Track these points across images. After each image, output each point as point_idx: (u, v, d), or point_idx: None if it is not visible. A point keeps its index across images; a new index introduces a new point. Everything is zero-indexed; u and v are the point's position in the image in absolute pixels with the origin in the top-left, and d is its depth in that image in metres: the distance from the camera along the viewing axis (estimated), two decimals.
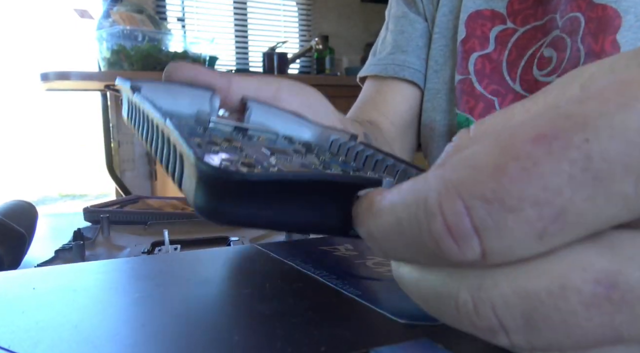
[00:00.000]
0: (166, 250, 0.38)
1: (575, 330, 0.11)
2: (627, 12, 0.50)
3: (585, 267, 0.11)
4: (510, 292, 0.11)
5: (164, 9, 2.77)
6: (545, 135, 0.11)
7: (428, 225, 0.12)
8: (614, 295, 0.11)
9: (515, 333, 0.12)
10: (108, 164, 2.28)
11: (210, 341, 0.16)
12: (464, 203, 0.11)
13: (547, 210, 0.11)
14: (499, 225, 0.11)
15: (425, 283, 0.13)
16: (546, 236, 0.11)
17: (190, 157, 0.18)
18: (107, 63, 2.15)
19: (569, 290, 0.11)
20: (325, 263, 0.25)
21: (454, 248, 0.11)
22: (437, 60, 0.64)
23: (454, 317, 0.13)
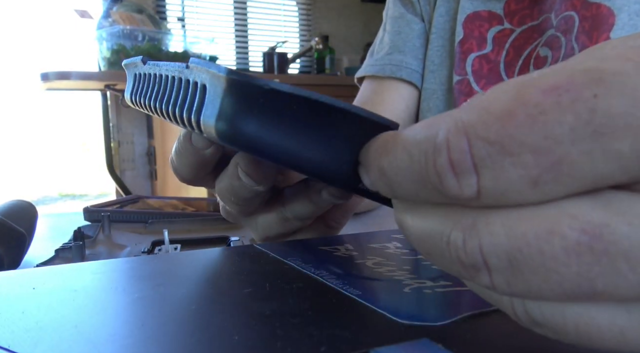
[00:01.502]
0: (166, 250, 0.38)
1: (553, 275, 0.11)
2: (620, 11, 0.50)
3: (575, 215, 0.11)
4: (499, 230, 0.12)
5: (164, 9, 2.77)
6: (558, 86, 0.11)
7: (434, 159, 0.12)
8: (597, 246, 0.11)
9: (496, 273, 0.12)
10: (108, 164, 2.28)
11: (210, 341, 0.16)
12: (469, 141, 0.12)
13: (544, 158, 0.11)
14: (496, 166, 0.11)
15: (424, 224, 0.14)
16: (540, 183, 0.11)
17: (221, 72, 0.18)
18: (107, 63, 2.15)
19: (555, 235, 0.11)
20: (325, 263, 0.25)
21: (454, 183, 0.12)
22: (434, 61, 0.64)
23: (442, 253, 0.13)
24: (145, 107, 0.24)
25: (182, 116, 0.21)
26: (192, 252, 0.29)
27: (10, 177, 4.31)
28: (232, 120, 0.18)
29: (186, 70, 0.21)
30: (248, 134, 0.18)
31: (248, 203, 0.29)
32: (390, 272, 0.24)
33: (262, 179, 0.26)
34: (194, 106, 0.20)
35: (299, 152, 0.19)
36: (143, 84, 0.25)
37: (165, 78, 0.23)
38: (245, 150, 0.19)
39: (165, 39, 2.22)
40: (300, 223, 0.31)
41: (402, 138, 0.14)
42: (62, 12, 3.22)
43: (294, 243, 0.31)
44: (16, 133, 4.62)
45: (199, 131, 0.20)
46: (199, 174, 0.29)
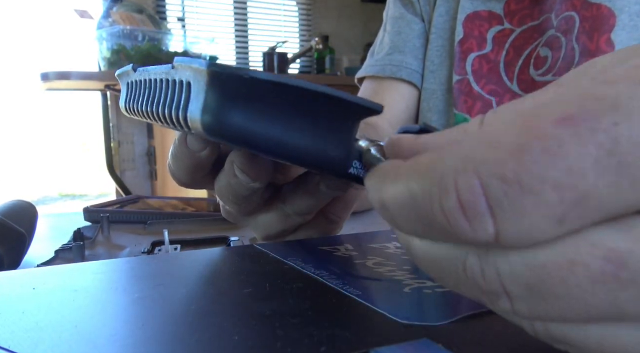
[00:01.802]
0: (166, 250, 0.38)
1: (578, 303, 0.11)
2: (621, 11, 0.50)
3: (597, 244, 0.11)
4: (517, 261, 0.11)
5: (164, 9, 2.77)
6: (572, 116, 0.10)
7: (441, 201, 0.11)
8: (622, 274, 0.10)
9: (518, 300, 0.12)
10: (108, 164, 2.28)
11: (210, 341, 0.16)
12: (481, 181, 0.11)
13: (569, 194, 0.10)
14: (516, 206, 0.10)
15: (434, 249, 0.13)
16: (565, 221, 0.10)
17: (202, 66, 0.18)
18: (107, 63, 2.15)
19: (578, 264, 0.11)
20: (325, 263, 0.25)
21: (466, 227, 0.11)
22: (434, 61, 0.64)
23: (459, 279, 0.12)
24: (139, 113, 0.25)
25: (170, 115, 0.21)
26: (192, 252, 0.29)
27: (10, 177, 4.31)
28: (216, 113, 0.18)
29: (172, 70, 0.21)
30: (233, 125, 0.18)
31: (247, 201, 0.29)
32: (390, 272, 0.24)
33: (258, 175, 0.26)
34: (180, 104, 0.20)
35: (285, 139, 0.19)
36: (135, 91, 0.25)
37: (154, 82, 0.23)
38: (232, 142, 0.19)
39: (165, 39, 2.21)
40: (300, 219, 0.31)
41: (404, 171, 0.13)
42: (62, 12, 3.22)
43: (294, 243, 0.31)
44: (16, 133, 4.62)
45: (187, 129, 0.20)
46: (196, 177, 0.29)
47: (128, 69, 0.26)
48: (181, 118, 0.20)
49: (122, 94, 0.28)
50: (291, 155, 0.19)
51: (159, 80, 0.22)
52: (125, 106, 0.27)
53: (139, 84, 0.25)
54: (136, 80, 0.25)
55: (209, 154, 0.27)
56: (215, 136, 0.19)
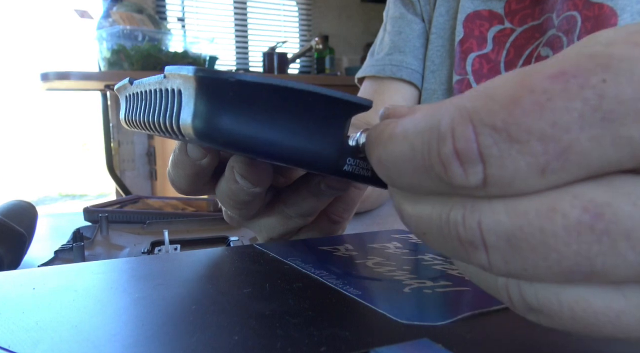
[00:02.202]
0: (166, 250, 0.38)
1: (552, 254, 0.11)
2: (623, 11, 0.50)
3: (578, 195, 0.11)
4: (500, 208, 0.12)
5: (164, 9, 2.77)
6: (565, 72, 0.11)
7: (438, 148, 0.12)
8: (598, 225, 0.11)
9: (494, 251, 0.12)
10: (108, 164, 2.28)
11: (210, 341, 0.16)
12: (474, 129, 0.11)
13: (553, 145, 0.11)
14: (503, 154, 0.11)
15: (424, 207, 0.14)
16: (548, 171, 0.11)
17: (190, 72, 0.18)
18: (107, 63, 2.15)
19: (556, 212, 0.11)
20: (325, 263, 0.25)
21: (460, 172, 0.12)
22: (434, 61, 0.64)
23: (440, 231, 0.13)
24: (137, 124, 0.25)
25: (165, 124, 0.21)
26: (192, 252, 0.29)
27: (10, 177, 4.31)
28: (206, 118, 0.18)
29: (164, 80, 0.21)
30: (224, 129, 0.18)
31: (248, 206, 0.29)
32: (390, 272, 0.24)
33: (258, 181, 0.27)
34: (173, 112, 0.20)
35: (277, 141, 0.19)
36: (132, 103, 0.26)
37: (149, 93, 0.23)
38: (225, 146, 0.19)
39: (165, 39, 2.21)
40: (302, 221, 0.31)
41: (402, 127, 0.13)
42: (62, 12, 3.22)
43: (294, 243, 0.31)
44: (16, 133, 4.62)
45: (182, 137, 0.20)
46: (197, 185, 0.29)
47: (125, 82, 0.26)
48: (174, 126, 0.20)
49: (122, 107, 0.29)
50: (284, 156, 0.20)
51: (153, 90, 0.23)
52: (125, 119, 0.27)
53: (135, 97, 0.25)
54: (133, 93, 0.26)
55: (209, 162, 0.27)
56: (208, 141, 0.19)
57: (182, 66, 0.19)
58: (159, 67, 2.15)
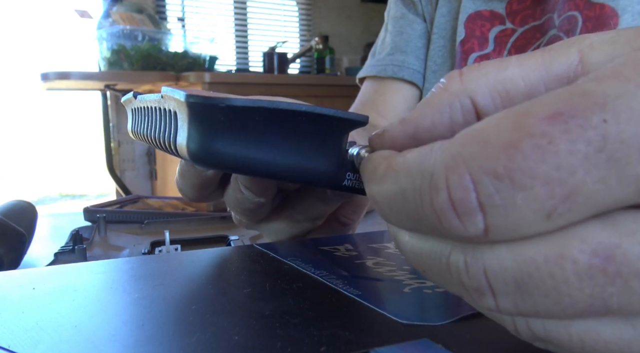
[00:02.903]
0: (167, 251, 0.38)
1: (565, 298, 0.11)
2: (624, 11, 0.50)
3: (585, 238, 0.11)
4: (505, 255, 0.11)
5: (164, 9, 2.77)
6: (562, 113, 0.10)
7: (431, 198, 0.11)
8: (609, 268, 0.11)
9: (503, 296, 0.12)
10: (108, 164, 2.28)
11: (210, 341, 0.16)
12: (472, 178, 0.11)
13: (559, 189, 0.10)
14: (507, 202, 0.11)
15: (420, 242, 0.13)
16: (554, 216, 0.11)
17: (182, 97, 0.18)
18: (107, 63, 2.15)
19: (566, 258, 0.11)
20: (325, 263, 0.25)
21: (457, 223, 0.11)
22: (436, 61, 0.64)
23: (441, 274, 0.13)
24: (142, 137, 0.25)
25: (164, 143, 0.21)
26: (192, 252, 0.29)
27: (10, 177, 4.31)
28: (201, 142, 0.19)
29: (162, 99, 0.21)
30: (219, 153, 0.19)
31: (255, 213, 0.29)
32: (390, 272, 0.24)
33: (262, 191, 0.27)
34: (171, 133, 0.21)
35: (273, 161, 0.19)
36: (137, 117, 0.26)
37: (151, 109, 0.24)
38: (221, 168, 0.19)
39: (165, 39, 2.21)
40: (311, 225, 0.31)
41: (394, 168, 0.13)
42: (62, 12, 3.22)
43: (294, 243, 0.31)
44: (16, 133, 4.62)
45: (180, 156, 0.21)
46: (204, 193, 0.29)
47: (130, 96, 0.27)
48: (173, 146, 0.20)
49: (129, 119, 0.29)
50: (282, 175, 0.20)
51: (154, 108, 0.23)
52: (132, 131, 0.28)
53: (139, 111, 0.26)
54: (137, 107, 0.26)
55: (214, 172, 0.27)
56: (203, 165, 0.19)
57: (176, 90, 0.20)
58: (158, 67, 2.15)
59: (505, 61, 0.14)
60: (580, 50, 0.14)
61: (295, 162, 0.19)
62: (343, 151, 0.20)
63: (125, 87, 2.16)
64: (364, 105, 0.65)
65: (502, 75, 0.14)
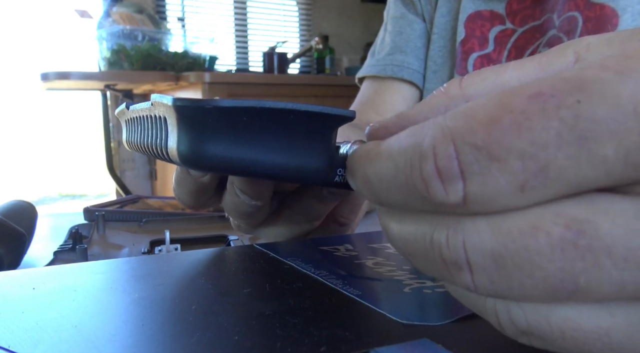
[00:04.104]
0: (167, 250, 0.38)
1: (537, 271, 0.11)
2: (624, 11, 0.50)
3: (559, 213, 0.11)
4: (485, 228, 0.12)
5: (164, 9, 2.77)
6: (542, 93, 0.11)
7: (420, 166, 0.12)
8: (580, 242, 0.11)
9: (479, 271, 0.12)
10: (108, 164, 2.28)
11: (210, 341, 0.16)
12: (456, 148, 0.12)
13: (531, 163, 0.11)
14: (483, 171, 0.11)
15: (408, 227, 0.14)
16: (527, 188, 0.11)
17: (169, 102, 0.19)
18: (107, 63, 2.15)
19: (540, 231, 0.11)
20: (325, 263, 0.25)
21: (440, 190, 0.12)
22: (436, 61, 0.64)
23: (425, 252, 0.13)
24: (136, 147, 0.25)
25: (157, 149, 0.22)
26: (192, 252, 0.29)
27: (10, 177, 4.31)
28: (190, 145, 0.19)
29: (152, 107, 0.22)
30: (209, 154, 0.19)
31: (253, 217, 0.29)
32: (390, 272, 0.24)
33: (258, 195, 0.27)
34: (162, 138, 0.21)
35: (263, 160, 0.19)
36: (131, 127, 0.26)
37: (142, 118, 0.24)
38: (212, 170, 0.19)
39: (165, 39, 2.22)
40: (309, 226, 0.31)
41: (387, 146, 0.14)
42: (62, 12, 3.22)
43: (294, 243, 0.31)
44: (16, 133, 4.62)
45: (173, 162, 0.21)
46: (201, 200, 0.29)
47: (123, 107, 0.27)
48: (164, 152, 0.21)
49: (123, 130, 0.29)
50: (273, 174, 0.20)
51: (145, 116, 0.23)
52: (127, 142, 0.28)
53: (132, 121, 0.26)
54: (130, 117, 0.26)
55: (210, 179, 0.27)
56: (195, 167, 0.19)
57: (164, 95, 0.20)
58: (158, 67, 2.15)
59: (504, 66, 0.15)
60: (577, 51, 0.14)
61: (285, 160, 0.19)
62: (332, 148, 0.20)
63: (125, 87, 2.16)
64: (363, 105, 0.65)
65: (499, 79, 0.15)
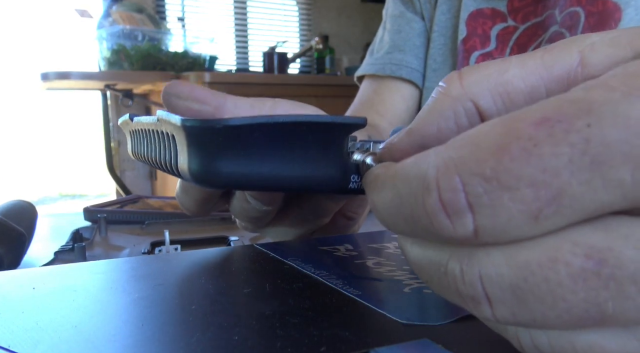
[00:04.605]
0: (166, 251, 0.38)
1: (560, 303, 0.11)
2: (627, 5, 0.50)
3: (577, 242, 0.11)
4: (500, 261, 0.11)
5: (164, 9, 2.77)
6: (549, 118, 0.11)
7: (424, 200, 0.12)
8: (603, 271, 0.11)
9: (499, 304, 0.12)
10: (108, 164, 2.28)
11: (210, 341, 0.16)
12: (461, 179, 0.11)
13: (544, 191, 0.11)
14: (494, 203, 0.11)
15: (422, 252, 0.13)
16: (541, 217, 0.11)
17: (178, 122, 0.18)
18: (107, 63, 2.15)
19: (559, 262, 0.11)
20: (325, 263, 0.25)
21: (447, 224, 0.11)
22: (436, 59, 0.64)
23: (441, 283, 0.13)
24: (144, 158, 0.25)
25: (166, 165, 0.21)
26: (192, 252, 0.29)
27: (10, 177, 4.31)
28: (202, 164, 0.18)
29: (158, 122, 0.21)
30: (221, 172, 0.18)
31: (261, 220, 0.29)
32: (390, 272, 0.24)
33: (270, 200, 0.27)
34: (171, 155, 0.20)
35: (276, 174, 0.19)
36: (136, 138, 0.26)
37: (148, 132, 0.23)
38: (225, 187, 0.19)
39: (165, 38, 2.21)
40: (317, 223, 0.31)
41: (393, 173, 0.13)
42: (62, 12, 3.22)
43: (294, 243, 0.31)
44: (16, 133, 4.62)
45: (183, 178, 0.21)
46: (207, 207, 0.29)
47: (126, 118, 0.27)
48: (175, 169, 0.20)
49: (128, 141, 0.29)
50: (287, 187, 0.20)
51: (151, 130, 0.23)
52: (132, 152, 0.28)
53: (138, 133, 0.26)
54: (135, 129, 0.26)
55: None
56: (207, 185, 0.19)
57: (170, 114, 0.19)
58: (158, 67, 2.15)
59: (506, 62, 0.15)
60: (581, 51, 0.14)
61: (298, 172, 0.19)
62: (345, 155, 0.20)
63: (125, 87, 2.16)
64: (362, 105, 0.65)
65: (502, 78, 0.14)
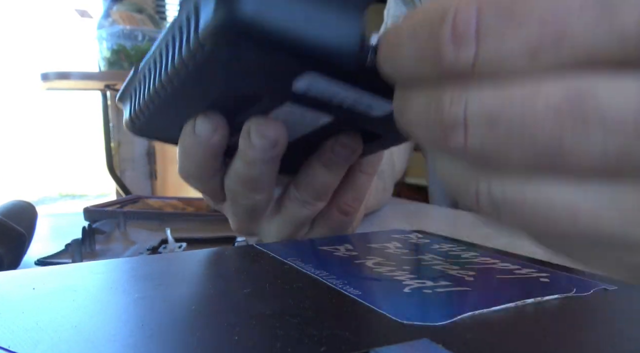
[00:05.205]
0: (170, 248, 0.38)
1: (526, 136, 0.12)
2: None
3: (563, 80, 0.11)
4: (488, 93, 0.12)
5: (164, 9, 2.77)
6: None
7: (437, 28, 0.12)
8: (576, 111, 0.11)
9: (473, 130, 0.12)
10: (108, 164, 2.28)
11: (210, 341, 0.16)
12: (479, 7, 0.12)
13: (549, 28, 0.11)
14: (500, 31, 0.12)
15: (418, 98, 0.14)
16: (539, 53, 0.11)
17: None
18: (107, 63, 2.15)
19: (541, 93, 0.11)
20: (325, 263, 0.25)
21: (451, 51, 0.12)
22: None
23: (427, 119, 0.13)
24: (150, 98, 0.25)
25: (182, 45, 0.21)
26: (192, 252, 0.29)
27: (10, 177, 4.31)
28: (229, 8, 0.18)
29: (181, 9, 0.21)
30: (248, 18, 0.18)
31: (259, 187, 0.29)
32: (390, 272, 0.24)
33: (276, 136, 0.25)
34: (191, 26, 0.20)
35: (299, 31, 0.19)
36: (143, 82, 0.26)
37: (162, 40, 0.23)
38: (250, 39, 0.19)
39: None
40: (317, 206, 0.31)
41: (411, 14, 0.14)
42: (62, 12, 3.22)
43: (294, 243, 0.31)
44: (16, 133, 4.62)
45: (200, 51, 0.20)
46: (211, 170, 0.29)
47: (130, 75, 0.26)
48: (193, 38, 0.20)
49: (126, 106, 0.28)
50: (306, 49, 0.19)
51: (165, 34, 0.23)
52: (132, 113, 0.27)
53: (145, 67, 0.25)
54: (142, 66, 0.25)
55: (219, 139, 0.27)
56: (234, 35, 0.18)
57: None
58: None
59: None
60: None
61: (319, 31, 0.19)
62: (364, 28, 0.20)
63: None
64: None
65: None
